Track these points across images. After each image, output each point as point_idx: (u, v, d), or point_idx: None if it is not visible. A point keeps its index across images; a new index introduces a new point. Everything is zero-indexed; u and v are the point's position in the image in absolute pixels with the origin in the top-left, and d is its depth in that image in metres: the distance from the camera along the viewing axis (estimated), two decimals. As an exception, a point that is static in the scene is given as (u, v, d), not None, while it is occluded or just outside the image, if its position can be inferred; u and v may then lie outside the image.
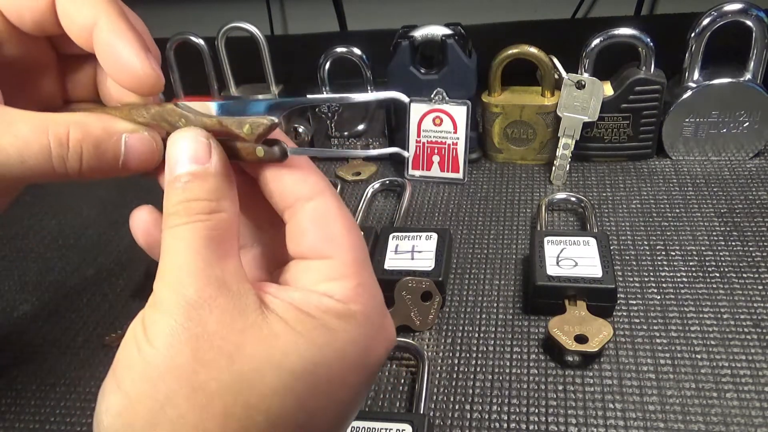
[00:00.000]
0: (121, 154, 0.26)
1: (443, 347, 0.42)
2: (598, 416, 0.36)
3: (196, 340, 0.21)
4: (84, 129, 0.26)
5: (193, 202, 0.24)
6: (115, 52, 0.26)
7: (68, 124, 0.25)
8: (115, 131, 0.26)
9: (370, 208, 0.57)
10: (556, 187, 0.57)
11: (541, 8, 0.84)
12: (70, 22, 0.26)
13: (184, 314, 0.21)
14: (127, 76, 0.26)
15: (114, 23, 0.26)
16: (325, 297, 0.24)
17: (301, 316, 0.23)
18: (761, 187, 0.54)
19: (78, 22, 0.26)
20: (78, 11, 0.26)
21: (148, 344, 0.21)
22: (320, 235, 0.25)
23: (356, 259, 0.25)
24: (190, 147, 0.25)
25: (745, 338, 0.40)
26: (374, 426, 0.34)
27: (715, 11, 0.52)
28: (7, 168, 0.25)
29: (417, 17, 0.62)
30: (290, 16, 0.93)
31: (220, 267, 0.23)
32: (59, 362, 0.44)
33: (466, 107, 0.57)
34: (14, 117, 0.25)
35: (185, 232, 0.23)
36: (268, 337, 0.22)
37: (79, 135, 0.26)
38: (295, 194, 0.25)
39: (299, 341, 0.22)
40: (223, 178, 0.25)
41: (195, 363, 0.21)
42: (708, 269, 0.46)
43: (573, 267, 0.43)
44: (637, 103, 0.56)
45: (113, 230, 0.58)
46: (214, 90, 0.63)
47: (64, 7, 0.26)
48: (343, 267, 0.24)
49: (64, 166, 0.26)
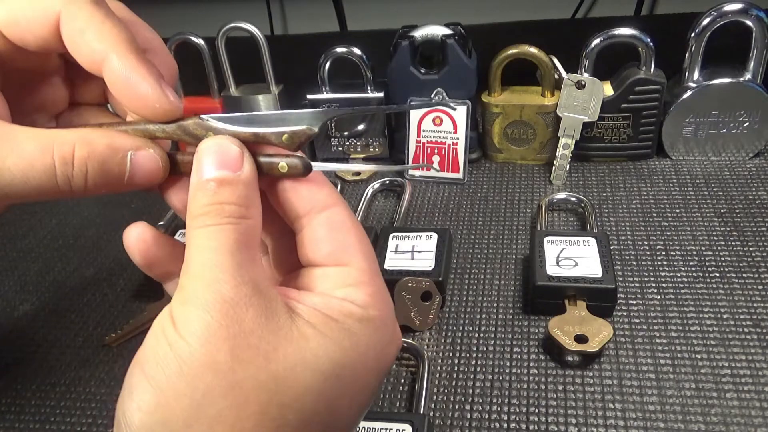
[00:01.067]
0: (126, 170, 0.26)
1: (443, 347, 0.42)
2: (598, 416, 0.36)
3: (234, 338, 0.21)
4: (89, 146, 0.26)
5: (225, 206, 0.24)
6: (128, 86, 0.25)
7: (73, 142, 0.25)
8: (121, 148, 0.26)
9: (370, 208, 0.57)
10: (556, 187, 0.57)
11: (541, 8, 0.84)
12: (79, 53, 0.26)
13: (221, 311, 0.22)
14: (142, 107, 0.26)
15: (126, 58, 0.25)
16: (346, 302, 0.24)
17: (326, 319, 0.23)
18: (761, 187, 0.54)
19: (87, 54, 0.26)
20: (86, 43, 0.26)
21: (182, 340, 0.21)
22: (336, 244, 0.25)
23: (371, 267, 0.26)
24: (223, 153, 0.25)
25: (745, 338, 0.40)
26: (374, 426, 0.34)
27: (715, 11, 0.52)
28: (11, 188, 0.25)
29: (417, 17, 0.62)
30: (290, 16, 0.93)
31: (252, 269, 0.23)
32: (59, 362, 0.44)
33: (466, 107, 0.57)
34: (19, 135, 0.25)
35: (217, 233, 0.23)
36: (299, 339, 0.22)
37: (84, 153, 0.26)
38: (311, 204, 0.26)
39: (327, 344, 0.23)
40: (253, 187, 0.25)
41: (233, 360, 0.21)
42: (708, 269, 0.46)
43: (573, 267, 0.43)
44: (637, 103, 0.56)
45: (113, 230, 0.58)
46: (214, 90, 0.63)
47: (72, 39, 0.26)
48: (360, 274, 0.25)
49: (68, 185, 0.26)
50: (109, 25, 0.26)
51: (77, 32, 0.25)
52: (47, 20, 0.26)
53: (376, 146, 0.63)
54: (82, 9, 0.26)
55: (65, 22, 0.26)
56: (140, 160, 0.26)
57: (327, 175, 0.27)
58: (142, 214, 0.60)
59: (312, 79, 0.60)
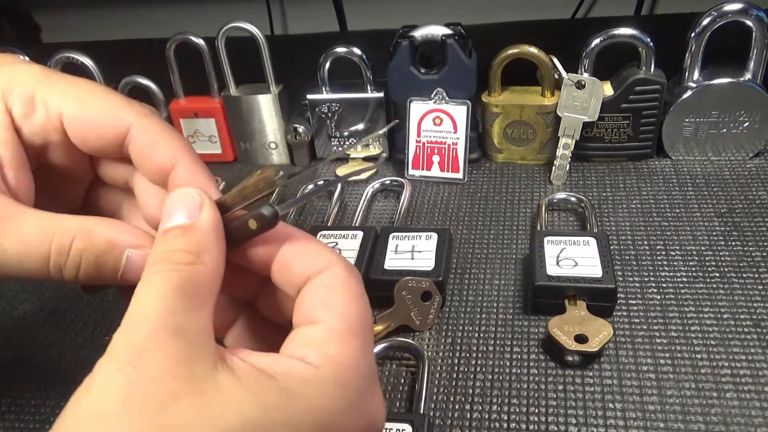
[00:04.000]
0: (121, 267, 0.26)
1: (443, 347, 0.42)
2: (598, 416, 0.36)
3: (129, 385, 0.20)
4: (88, 239, 0.26)
5: (172, 253, 0.23)
6: None
7: (74, 231, 0.26)
8: (120, 245, 0.26)
9: (370, 208, 0.57)
10: (556, 187, 0.57)
11: (541, 8, 0.84)
12: (148, 160, 0.28)
13: (127, 359, 0.20)
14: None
15: (192, 167, 0.27)
16: (295, 360, 0.22)
17: (260, 376, 0.21)
18: (761, 187, 0.54)
19: (156, 161, 0.27)
20: (157, 152, 0.27)
21: (84, 390, 0.20)
22: (316, 303, 0.24)
23: (348, 328, 0.24)
24: (183, 203, 0.25)
25: (745, 338, 0.40)
26: (374, 426, 0.34)
27: (715, 11, 0.52)
28: (5, 268, 0.25)
29: (417, 17, 0.62)
30: (290, 16, 0.93)
31: (185, 316, 0.22)
32: (59, 362, 0.44)
33: (466, 107, 0.57)
34: (22, 217, 0.25)
35: (158, 280, 0.23)
36: (210, 390, 0.20)
37: (82, 245, 0.26)
38: (306, 272, 0.25)
39: (244, 398, 0.21)
40: (210, 235, 0.24)
41: (122, 409, 0.19)
42: (708, 269, 0.46)
43: (573, 267, 0.43)
44: (637, 103, 0.56)
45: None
46: (214, 90, 0.63)
47: (143, 146, 0.27)
48: (328, 332, 0.23)
49: (60, 273, 0.26)
50: (177, 138, 0.28)
51: (150, 143, 0.27)
52: (117, 129, 0.27)
53: (376, 146, 0.63)
54: (155, 123, 0.28)
55: (138, 134, 0.27)
56: (137, 259, 0.26)
57: (328, 176, 0.27)
58: (142, 214, 0.59)
59: (312, 79, 0.60)
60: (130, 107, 0.28)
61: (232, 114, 0.63)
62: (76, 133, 0.28)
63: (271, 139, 0.64)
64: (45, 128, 0.27)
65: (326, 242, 0.47)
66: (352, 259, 0.45)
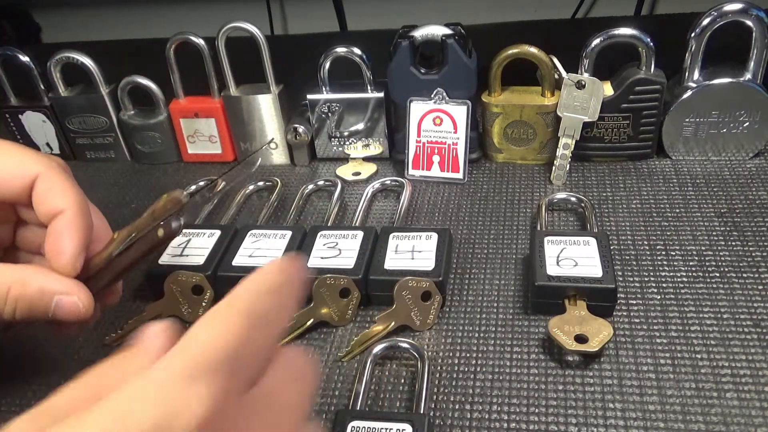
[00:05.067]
0: (50, 311, 0.32)
1: (443, 347, 0.42)
2: (598, 416, 0.36)
3: None
4: (22, 288, 0.32)
5: None
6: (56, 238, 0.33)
7: (10, 283, 0.31)
8: (50, 292, 0.32)
9: (370, 208, 0.57)
10: (556, 187, 0.57)
11: (541, 8, 0.84)
12: (42, 205, 0.34)
13: None
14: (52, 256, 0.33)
15: (73, 217, 0.33)
16: None
17: None
18: (761, 187, 0.54)
19: (47, 206, 0.33)
20: (50, 199, 0.33)
21: None
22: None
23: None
24: None
25: (745, 338, 0.40)
26: (374, 426, 0.34)
27: (715, 11, 0.52)
28: None
29: (417, 17, 0.62)
30: (290, 16, 0.93)
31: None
32: (59, 362, 0.44)
33: (466, 107, 0.57)
34: None
35: None
36: None
37: (17, 293, 0.31)
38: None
39: None
40: None
41: None
42: (708, 269, 0.46)
43: (573, 267, 0.43)
44: (637, 103, 0.56)
45: (113, 230, 0.57)
46: (214, 90, 0.63)
47: (40, 193, 0.33)
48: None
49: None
50: (71, 190, 0.34)
51: (46, 191, 0.33)
52: (25, 180, 0.33)
53: (376, 146, 0.63)
54: (56, 174, 0.34)
55: (39, 182, 0.33)
56: (64, 304, 0.32)
57: (328, 176, 0.29)
58: (142, 213, 0.59)
59: (312, 79, 0.60)
60: (38, 160, 0.33)
61: (232, 114, 0.63)
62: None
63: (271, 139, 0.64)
64: None
65: (326, 242, 0.47)
66: (352, 259, 0.45)
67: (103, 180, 0.66)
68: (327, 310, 0.44)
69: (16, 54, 0.64)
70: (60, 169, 0.35)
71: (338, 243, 0.47)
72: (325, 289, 0.44)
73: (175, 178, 0.65)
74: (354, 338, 0.42)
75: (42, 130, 0.68)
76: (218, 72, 0.61)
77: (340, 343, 0.43)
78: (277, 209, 0.58)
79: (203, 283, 0.45)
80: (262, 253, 0.47)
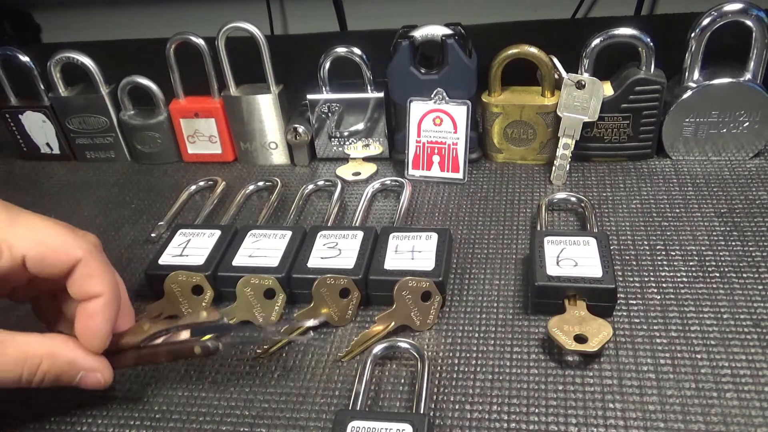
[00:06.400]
0: (75, 382, 0.36)
1: (443, 347, 0.42)
2: (598, 416, 0.36)
3: None
4: (53, 361, 0.35)
5: None
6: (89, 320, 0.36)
7: (42, 356, 0.34)
8: (78, 368, 0.35)
9: (370, 208, 0.57)
10: (556, 187, 0.57)
11: (541, 8, 0.84)
12: (80, 288, 0.36)
13: None
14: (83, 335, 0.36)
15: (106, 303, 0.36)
16: None
17: None
18: (761, 187, 0.54)
19: (85, 291, 0.36)
20: (89, 284, 0.35)
21: None
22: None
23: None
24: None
25: (745, 338, 0.40)
26: (374, 426, 0.34)
27: (715, 11, 0.52)
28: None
29: (417, 17, 0.62)
30: (290, 16, 0.93)
31: None
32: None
33: (466, 107, 0.57)
34: (3, 342, 0.34)
35: None
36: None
37: (47, 367, 0.34)
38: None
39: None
40: None
41: None
42: (708, 269, 0.46)
43: (573, 267, 0.43)
44: (637, 103, 0.56)
45: (113, 230, 0.58)
46: (214, 90, 0.63)
47: (80, 278, 0.35)
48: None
49: (25, 384, 0.34)
50: (107, 277, 0.36)
51: (86, 276, 0.35)
52: (68, 264, 0.35)
53: (376, 146, 0.63)
54: (95, 259, 0.36)
55: (80, 267, 0.35)
56: (88, 379, 0.36)
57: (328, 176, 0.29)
58: (142, 213, 0.60)
59: (312, 79, 0.60)
60: (79, 244, 0.35)
61: (232, 114, 0.63)
62: (34, 268, 0.35)
63: (271, 139, 0.64)
64: (10, 267, 0.34)
65: (326, 242, 0.47)
66: (352, 260, 0.45)
67: (103, 180, 0.66)
68: (327, 310, 0.44)
69: (16, 54, 0.64)
70: (97, 252, 0.37)
71: (338, 243, 0.47)
72: (325, 289, 0.44)
73: (175, 178, 0.65)
74: (354, 338, 0.42)
75: (42, 130, 0.68)
76: (218, 72, 0.61)
77: (340, 343, 0.43)
78: (277, 209, 0.58)
79: (203, 283, 0.45)
80: (262, 253, 0.47)
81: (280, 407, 0.39)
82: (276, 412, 0.38)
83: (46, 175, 0.68)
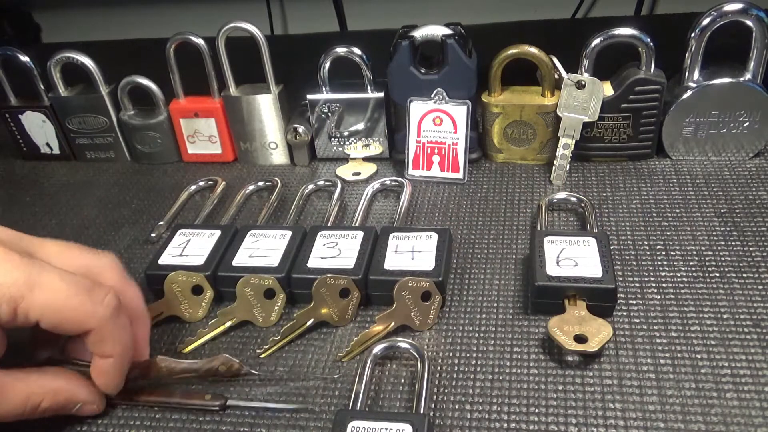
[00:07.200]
0: (72, 412, 0.37)
1: (443, 347, 0.42)
2: (598, 416, 0.36)
3: None
4: (54, 399, 0.36)
5: None
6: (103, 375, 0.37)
7: (44, 395, 0.36)
8: (76, 401, 0.37)
9: (370, 208, 0.57)
10: (556, 187, 0.57)
11: (541, 8, 0.84)
12: (93, 347, 0.36)
13: None
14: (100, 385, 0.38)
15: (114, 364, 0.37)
16: None
17: None
18: (761, 187, 0.54)
19: (97, 351, 0.36)
20: (100, 347, 0.36)
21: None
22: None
23: None
24: None
25: (745, 338, 0.40)
26: (374, 426, 0.34)
27: (715, 11, 0.52)
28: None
29: (417, 17, 0.62)
30: (290, 16, 0.93)
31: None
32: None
33: (466, 107, 0.57)
34: (9, 389, 0.35)
35: None
36: None
37: (47, 405, 0.36)
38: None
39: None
40: None
41: None
42: (708, 269, 0.46)
43: (573, 267, 0.43)
44: (637, 103, 0.56)
45: (113, 230, 0.58)
46: (214, 90, 0.63)
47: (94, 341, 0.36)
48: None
49: (24, 418, 0.35)
50: (120, 341, 0.36)
51: (99, 341, 0.36)
52: (80, 331, 0.35)
53: (376, 146, 0.63)
54: (108, 326, 0.35)
55: (93, 335, 0.35)
56: (85, 409, 0.38)
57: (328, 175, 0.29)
58: (142, 214, 0.60)
59: (312, 79, 0.60)
60: (94, 313, 0.35)
61: (232, 114, 0.63)
62: (48, 323, 0.35)
63: (271, 139, 0.64)
64: (22, 325, 0.35)
65: (326, 242, 0.47)
66: (352, 260, 0.45)
67: (103, 180, 0.66)
68: (327, 310, 0.44)
69: (16, 54, 0.64)
70: (112, 317, 0.36)
71: (338, 243, 0.47)
72: (325, 289, 0.44)
73: (175, 178, 0.65)
74: (354, 338, 0.42)
75: (42, 130, 0.68)
76: (218, 72, 0.61)
77: (340, 343, 0.43)
78: (277, 209, 0.58)
79: (203, 283, 0.45)
80: (262, 253, 0.47)
81: (280, 407, 0.39)
82: (276, 412, 0.38)
83: (46, 175, 0.68)
